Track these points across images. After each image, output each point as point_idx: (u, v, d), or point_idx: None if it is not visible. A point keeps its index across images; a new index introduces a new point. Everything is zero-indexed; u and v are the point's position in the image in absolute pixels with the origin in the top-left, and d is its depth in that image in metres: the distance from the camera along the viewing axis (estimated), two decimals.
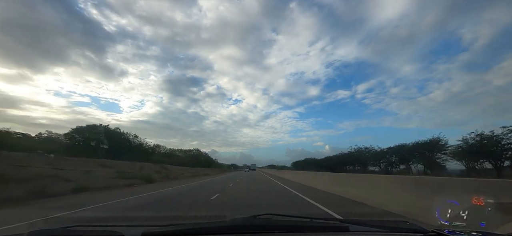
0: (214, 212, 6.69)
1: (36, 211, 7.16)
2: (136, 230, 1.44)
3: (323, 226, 1.60)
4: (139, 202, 9.06)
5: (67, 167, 18.42)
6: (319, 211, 6.92)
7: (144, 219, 5.98)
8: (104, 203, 8.55)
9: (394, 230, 1.44)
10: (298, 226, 1.55)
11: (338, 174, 15.10)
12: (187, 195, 11.22)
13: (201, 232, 1.43)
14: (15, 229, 4.92)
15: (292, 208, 7.41)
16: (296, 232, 1.44)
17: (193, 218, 5.87)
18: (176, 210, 7.26)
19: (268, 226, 1.51)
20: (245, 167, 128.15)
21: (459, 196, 2.02)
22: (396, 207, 6.11)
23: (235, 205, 8.05)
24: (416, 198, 5.58)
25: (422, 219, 4.58)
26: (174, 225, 1.52)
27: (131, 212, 7.05)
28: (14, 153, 19.60)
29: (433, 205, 2.72)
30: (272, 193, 11.70)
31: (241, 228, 1.41)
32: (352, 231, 1.42)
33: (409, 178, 7.87)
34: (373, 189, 7.89)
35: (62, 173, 15.46)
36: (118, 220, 6.02)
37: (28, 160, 17.63)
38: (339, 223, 1.57)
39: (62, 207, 7.59)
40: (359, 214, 6.31)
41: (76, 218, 6.28)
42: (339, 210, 6.66)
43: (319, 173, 21.09)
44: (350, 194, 9.17)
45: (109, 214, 6.77)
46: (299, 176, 21.21)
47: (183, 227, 1.45)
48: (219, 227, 1.49)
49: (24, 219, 5.65)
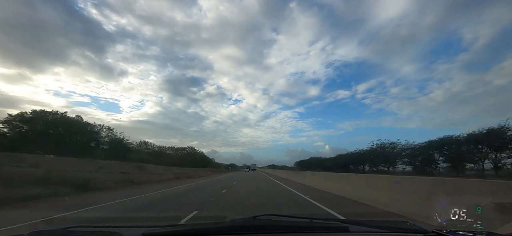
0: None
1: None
2: (136, 230, 1.44)
3: (323, 226, 1.60)
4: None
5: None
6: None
7: (144, 220, 6.00)
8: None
9: (394, 231, 1.43)
10: (298, 226, 1.55)
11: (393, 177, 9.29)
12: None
13: (200, 233, 1.43)
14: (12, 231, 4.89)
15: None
16: (296, 233, 1.44)
17: (193, 219, 5.87)
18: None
19: (268, 226, 1.51)
20: (245, 167, 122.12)
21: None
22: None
23: (234, 205, 8.00)
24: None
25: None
26: (174, 226, 1.53)
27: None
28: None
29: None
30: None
31: (241, 228, 1.41)
32: (352, 231, 1.42)
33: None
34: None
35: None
36: (118, 220, 6.02)
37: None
38: (339, 224, 1.57)
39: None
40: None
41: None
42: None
43: (351, 175, 12.82)
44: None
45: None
46: (317, 180, 15.25)
47: (183, 228, 1.46)
48: (219, 228, 1.49)
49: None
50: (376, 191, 7.88)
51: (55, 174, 13.88)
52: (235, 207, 7.87)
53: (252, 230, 1.41)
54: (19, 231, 2.48)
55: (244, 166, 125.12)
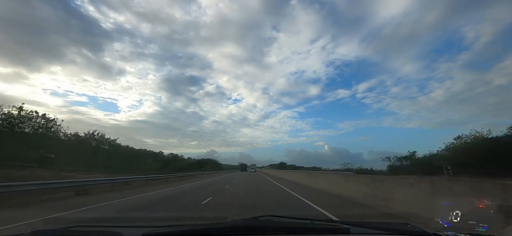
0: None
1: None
2: (136, 230, 1.45)
3: (324, 227, 1.59)
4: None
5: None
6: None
7: (144, 220, 6.00)
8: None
9: (395, 232, 1.43)
10: (299, 227, 1.55)
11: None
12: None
13: (201, 233, 1.43)
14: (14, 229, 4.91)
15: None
16: (297, 234, 1.44)
17: (193, 220, 5.88)
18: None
19: (268, 227, 1.51)
20: (240, 166, 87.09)
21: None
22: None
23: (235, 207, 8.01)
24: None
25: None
26: (175, 226, 1.52)
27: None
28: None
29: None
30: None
31: (241, 229, 1.41)
32: (353, 233, 1.41)
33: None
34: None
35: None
36: (118, 220, 6.03)
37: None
38: (340, 225, 1.56)
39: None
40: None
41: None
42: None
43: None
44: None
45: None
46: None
47: (184, 228, 1.45)
48: (219, 229, 1.49)
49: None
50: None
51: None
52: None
53: (252, 231, 1.40)
54: (20, 230, 2.49)
55: (240, 166, 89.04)
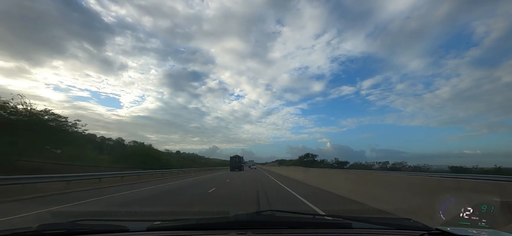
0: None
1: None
2: (141, 224, 1.47)
3: (326, 222, 1.60)
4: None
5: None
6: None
7: (148, 214, 6.08)
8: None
9: (397, 227, 1.43)
10: (301, 222, 1.56)
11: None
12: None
13: (204, 227, 1.45)
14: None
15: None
16: (299, 229, 1.45)
17: (196, 214, 5.94)
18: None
19: (271, 222, 1.52)
20: (231, 161, 59.72)
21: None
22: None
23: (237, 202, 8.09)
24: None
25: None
26: (178, 220, 1.55)
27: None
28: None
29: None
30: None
31: (244, 224, 1.42)
32: (355, 227, 1.42)
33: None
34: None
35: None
36: (123, 215, 6.13)
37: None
38: (342, 220, 1.57)
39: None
40: None
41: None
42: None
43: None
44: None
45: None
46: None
47: (187, 222, 1.47)
48: (222, 223, 1.50)
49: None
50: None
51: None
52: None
53: (255, 226, 1.42)
54: (27, 224, 2.55)
55: (232, 162, 60.02)
